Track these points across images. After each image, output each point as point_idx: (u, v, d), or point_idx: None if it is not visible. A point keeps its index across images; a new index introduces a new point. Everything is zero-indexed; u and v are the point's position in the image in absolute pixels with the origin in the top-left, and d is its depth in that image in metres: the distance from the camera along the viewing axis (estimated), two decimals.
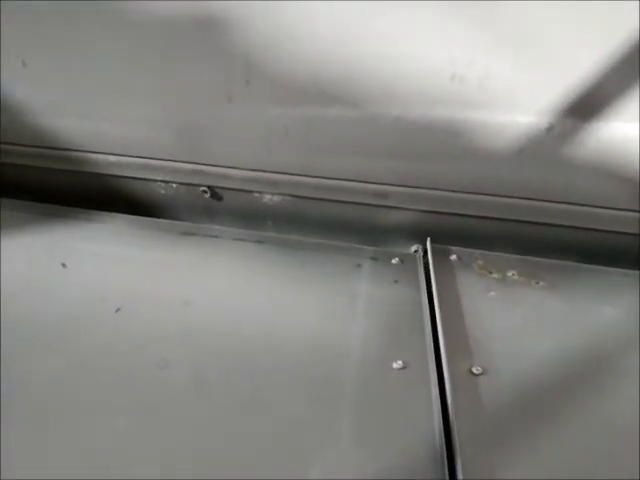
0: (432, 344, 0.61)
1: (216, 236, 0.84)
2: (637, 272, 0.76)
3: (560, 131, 0.73)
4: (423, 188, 0.83)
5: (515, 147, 0.76)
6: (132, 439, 0.48)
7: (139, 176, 0.90)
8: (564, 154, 0.75)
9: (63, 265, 0.72)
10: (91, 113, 0.86)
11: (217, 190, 0.90)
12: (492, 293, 0.70)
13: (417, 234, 0.87)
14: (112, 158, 0.89)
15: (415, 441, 0.49)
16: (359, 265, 0.78)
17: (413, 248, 0.87)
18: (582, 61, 0.70)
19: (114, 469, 0.45)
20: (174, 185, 0.91)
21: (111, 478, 0.44)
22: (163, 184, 0.91)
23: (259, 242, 0.83)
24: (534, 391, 0.55)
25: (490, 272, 0.75)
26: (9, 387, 0.52)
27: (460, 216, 0.83)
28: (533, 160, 0.76)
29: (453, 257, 0.78)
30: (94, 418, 0.50)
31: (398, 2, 0.72)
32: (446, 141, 0.78)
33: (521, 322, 0.65)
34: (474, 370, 0.56)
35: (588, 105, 0.72)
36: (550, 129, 0.74)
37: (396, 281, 0.74)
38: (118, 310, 0.63)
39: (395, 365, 0.57)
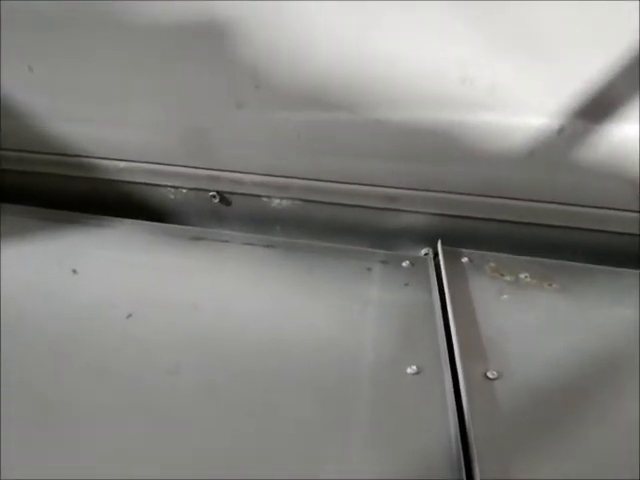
0: (446, 348, 0.60)
1: (226, 241, 0.84)
2: None
3: (571, 133, 0.73)
4: (433, 191, 0.82)
5: (526, 149, 0.75)
6: (144, 444, 0.48)
7: (148, 182, 0.90)
8: (575, 156, 0.74)
9: (74, 271, 0.73)
10: (99, 119, 0.86)
11: (226, 195, 0.90)
12: (505, 296, 0.70)
13: (427, 237, 0.86)
14: (122, 164, 0.89)
15: (431, 447, 0.48)
16: (369, 269, 0.77)
17: (423, 251, 0.86)
18: (593, 62, 0.69)
19: (125, 473, 0.45)
20: (183, 190, 0.91)
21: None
22: (172, 189, 0.91)
23: (269, 246, 0.83)
24: (550, 395, 0.54)
25: (502, 274, 0.74)
26: (19, 393, 0.52)
27: (470, 219, 0.83)
28: (544, 162, 0.76)
29: (464, 259, 0.78)
30: (105, 424, 0.50)
31: (408, 5, 0.72)
32: (456, 144, 0.78)
33: (535, 325, 0.64)
34: (489, 374, 0.55)
35: (599, 107, 0.71)
36: (561, 131, 0.73)
37: (407, 284, 0.74)
38: (129, 316, 0.63)
39: (409, 370, 0.57)
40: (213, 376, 0.56)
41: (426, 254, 0.85)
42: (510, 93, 0.74)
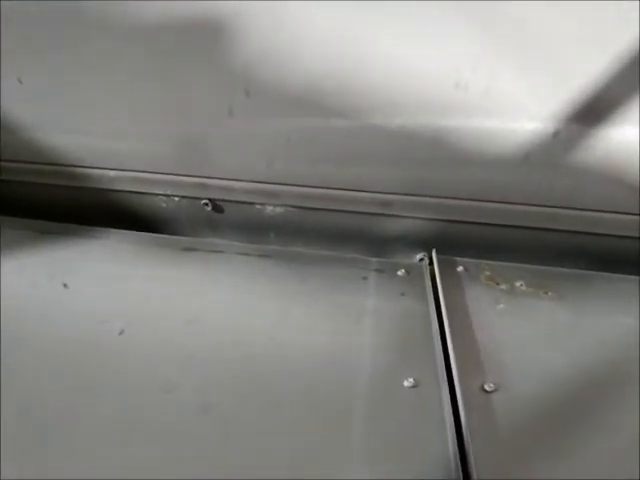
0: (443, 360, 0.59)
1: (220, 251, 0.83)
2: None
3: (567, 136, 0.72)
4: (428, 196, 0.82)
5: (521, 153, 0.75)
6: (140, 466, 0.47)
7: (140, 190, 0.89)
8: (571, 159, 0.74)
9: (65, 285, 0.71)
10: (91, 128, 0.85)
11: (219, 203, 0.89)
12: (501, 305, 0.69)
13: (422, 242, 0.85)
14: (113, 173, 0.88)
15: (429, 460, 0.48)
16: (365, 278, 0.77)
17: (418, 256, 0.86)
18: (588, 65, 0.68)
19: None
20: (175, 198, 0.89)
21: None
22: (164, 198, 0.90)
23: (263, 256, 0.82)
24: (549, 407, 0.54)
25: (497, 283, 0.74)
26: (10, 412, 0.50)
27: (466, 223, 0.82)
28: (540, 166, 0.75)
29: (460, 268, 0.77)
30: (99, 443, 0.49)
31: (400, 10, 0.71)
32: (451, 148, 0.77)
33: (532, 335, 0.64)
34: (486, 387, 0.55)
35: (595, 110, 0.71)
36: (556, 134, 0.72)
37: (403, 294, 0.73)
38: (122, 332, 0.62)
39: (406, 383, 0.56)
40: (209, 393, 0.55)
41: (421, 260, 0.84)
42: (505, 97, 0.73)
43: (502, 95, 0.73)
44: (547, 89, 0.72)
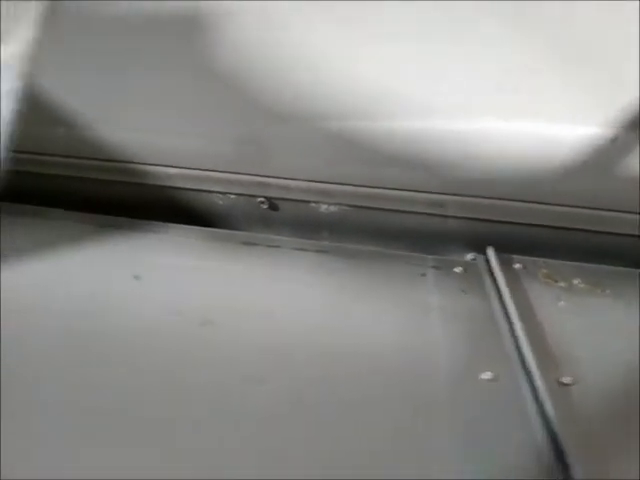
0: (516, 354, 0.61)
1: (277, 246, 0.85)
2: None
3: (624, 142, 0.75)
4: (481, 197, 0.84)
5: (577, 158, 0.77)
6: (230, 456, 0.46)
7: (197, 188, 0.91)
8: (628, 165, 0.76)
9: (136, 277, 0.73)
10: (152, 127, 0.87)
11: (274, 201, 0.91)
12: (562, 302, 0.71)
13: (473, 243, 0.88)
14: (172, 170, 0.90)
15: (521, 451, 0.49)
16: (423, 274, 0.79)
17: (469, 256, 0.88)
18: None
19: None
20: (232, 196, 0.91)
21: None
22: (221, 195, 0.92)
23: (320, 252, 0.84)
24: (627, 399, 0.56)
25: (556, 281, 0.76)
26: (91, 409, 0.50)
27: (518, 225, 0.85)
28: (596, 170, 0.78)
29: (517, 266, 0.79)
30: (189, 436, 0.48)
31: (448, 12, 0.74)
32: (508, 151, 0.79)
33: (597, 331, 0.66)
34: (564, 380, 0.57)
35: None
36: (614, 140, 0.75)
37: (464, 291, 0.75)
38: (203, 323, 0.64)
39: (484, 376, 0.58)
40: (296, 387, 0.55)
41: (473, 259, 0.87)
42: (559, 101, 0.76)
43: (556, 99, 0.76)
44: (606, 95, 0.74)
